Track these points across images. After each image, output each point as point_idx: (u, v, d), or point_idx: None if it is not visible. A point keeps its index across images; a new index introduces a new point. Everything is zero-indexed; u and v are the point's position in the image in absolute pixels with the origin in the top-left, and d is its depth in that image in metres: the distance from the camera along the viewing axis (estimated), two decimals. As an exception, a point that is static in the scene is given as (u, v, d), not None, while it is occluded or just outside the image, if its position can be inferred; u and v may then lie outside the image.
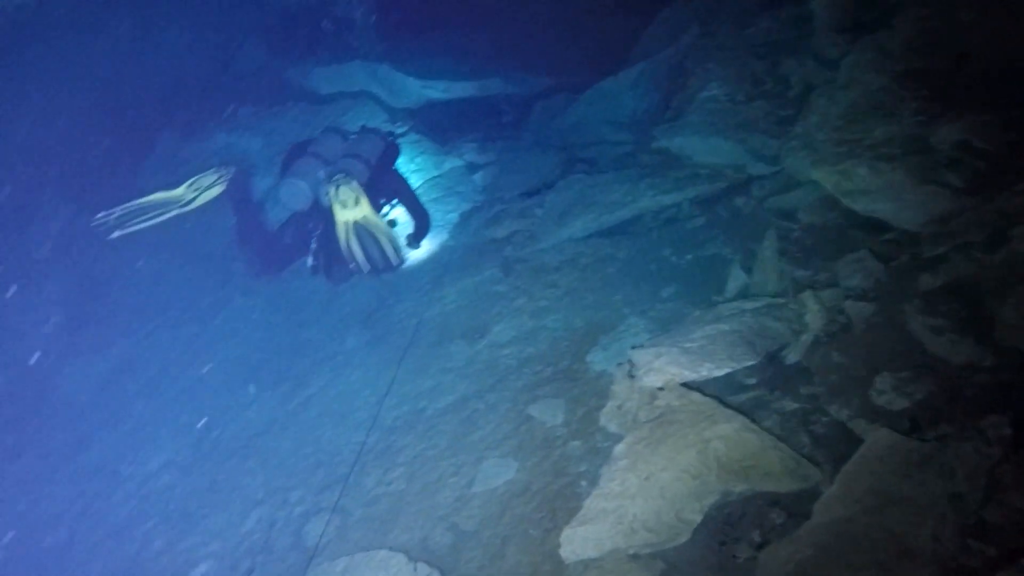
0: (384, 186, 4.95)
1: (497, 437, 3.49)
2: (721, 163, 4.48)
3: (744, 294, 3.64)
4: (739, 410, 2.75)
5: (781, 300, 3.32)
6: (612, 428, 3.11)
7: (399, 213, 5.09)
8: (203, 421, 4.35)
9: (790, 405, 2.91)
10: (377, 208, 4.71)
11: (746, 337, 2.97)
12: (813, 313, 3.11)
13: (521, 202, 5.18)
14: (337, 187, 4.52)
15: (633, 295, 4.04)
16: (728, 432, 2.60)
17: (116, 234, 4.75)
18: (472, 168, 6.02)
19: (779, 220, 3.93)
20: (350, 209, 4.54)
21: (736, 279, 3.74)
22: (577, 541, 2.55)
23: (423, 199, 5.30)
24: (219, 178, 4.96)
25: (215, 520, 3.68)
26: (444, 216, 5.48)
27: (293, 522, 3.51)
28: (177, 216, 4.92)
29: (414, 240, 5.05)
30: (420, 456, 3.57)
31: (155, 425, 4.59)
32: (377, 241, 4.65)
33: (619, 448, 2.73)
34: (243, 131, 7.06)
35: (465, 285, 4.59)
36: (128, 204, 4.81)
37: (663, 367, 2.86)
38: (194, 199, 4.93)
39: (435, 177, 5.99)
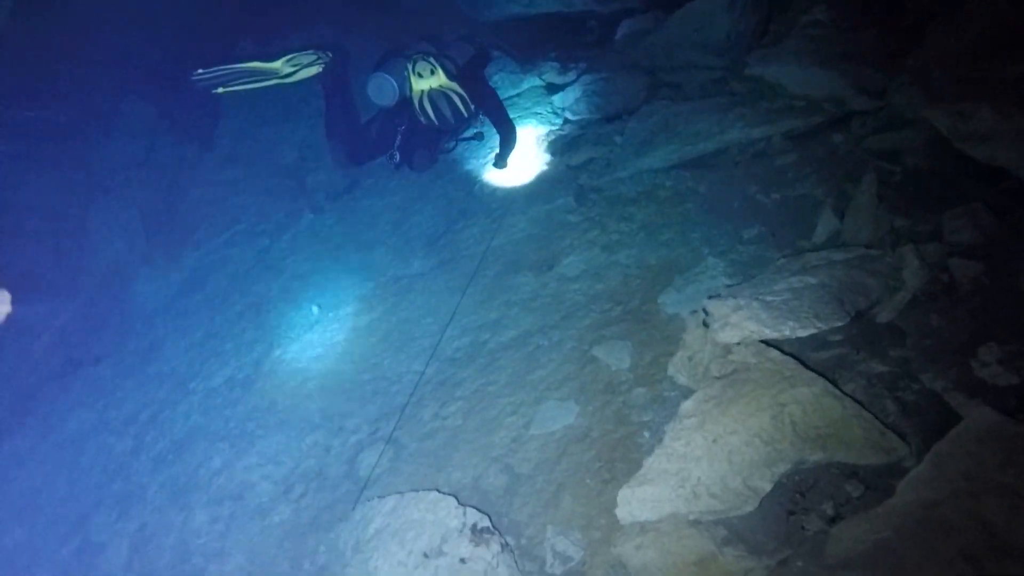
0: (471, 92, 4.76)
1: (559, 377, 3.34)
2: (819, 95, 4.11)
3: (835, 242, 3.36)
4: (820, 372, 2.52)
5: (876, 252, 3.02)
6: (681, 379, 2.92)
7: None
8: (263, 346, 4.32)
9: (877, 368, 2.67)
10: (453, 78, 4.63)
11: (835, 292, 2.71)
12: (912, 269, 2.82)
13: (600, 127, 4.90)
14: (414, 62, 4.49)
15: (713, 234, 3.79)
16: (807, 396, 2.38)
17: (220, 90, 4.72)
18: (551, 89, 5.73)
19: (880, 161, 3.60)
20: (426, 79, 4.48)
21: (827, 224, 3.45)
22: (634, 502, 2.40)
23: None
24: (317, 59, 4.86)
25: (272, 442, 3.65)
26: (520, 133, 5.24)
27: (347, 450, 3.45)
28: (276, 85, 4.89)
29: (500, 158, 4.94)
30: (479, 391, 3.46)
31: (220, 339, 4.59)
32: (450, 100, 4.56)
33: (687, 405, 2.54)
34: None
35: (536, 213, 4.39)
36: (227, 66, 4.74)
37: (741, 322, 2.63)
38: (292, 73, 4.88)
39: (512, 96, 5.73)
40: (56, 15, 6.38)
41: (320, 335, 4.22)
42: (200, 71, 4.61)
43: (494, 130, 4.90)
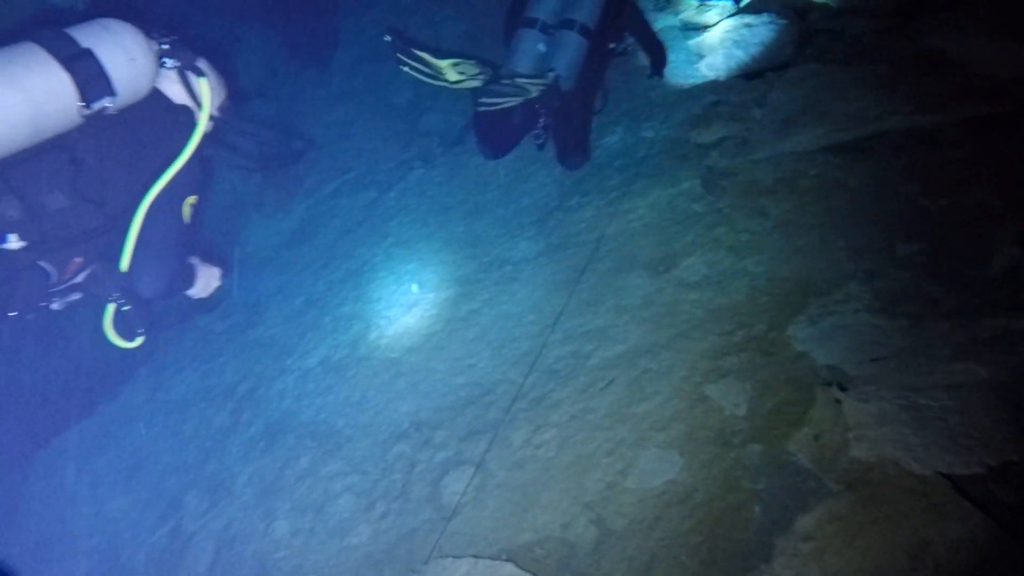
0: (613, 31, 4.46)
1: (665, 415, 2.99)
2: (1012, 77, 3.41)
3: (1017, 279, 2.79)
4: (981, 503, 2.07)
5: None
6: (803, 460, 2.51)
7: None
8: (360, 325, 4.14)
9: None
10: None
11: (1012, 397, 2.20)
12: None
13: (738, 92, 4.31)
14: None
15: (861, 244, 3.26)
16: (959, 534, 1.95)
17: (405, 68, 4.52)
18: (687, 30, 5.11)
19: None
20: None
21: (1007, 252, 2.87)
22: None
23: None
24: (480, 73, 4.55)
25: (359, 446, 3.50)
26: (645, 94, 4.72)
27: (433, 469, 3.25)
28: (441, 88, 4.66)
29: (655, 72, 4.70)
30: (576, 418, 3.15)
31: (321, 310, 4.44)
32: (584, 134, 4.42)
33: (805, 522, 2.16)
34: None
35: (657, 198, 3.93)
36: (409, 48, 4.54)
37: (882, 442, 2.19)
38: (459, 81, 4.64)
39: (645, 37, 5.15)
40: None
41: (417, 321, 3.99)
42: (392, 39, 4.47)
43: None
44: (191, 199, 2.82)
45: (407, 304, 4.13)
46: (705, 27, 5.05)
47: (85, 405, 4.97)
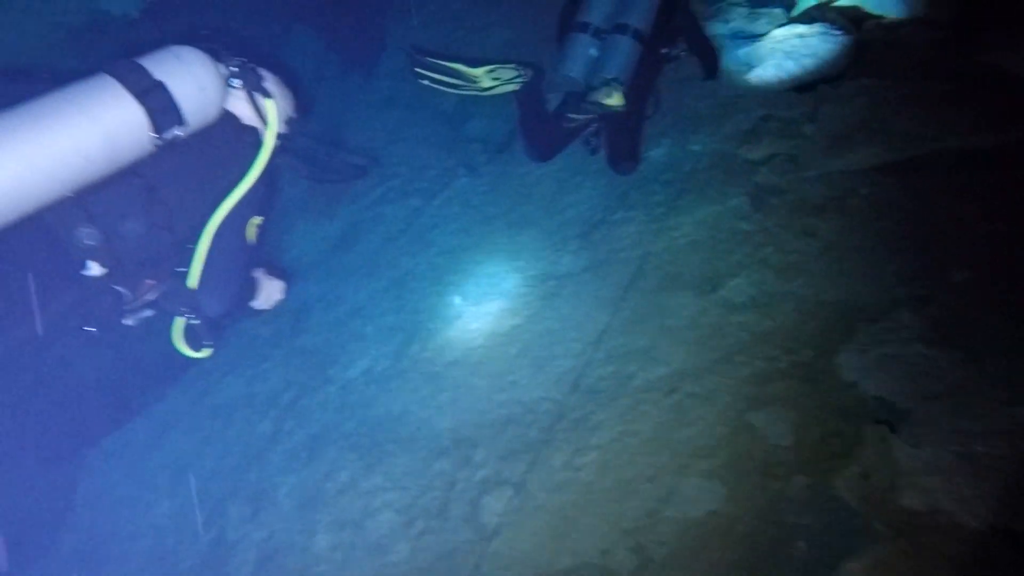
0: (665, 36, 4.45)
1: (708, 442, 2.95)
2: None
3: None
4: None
5: None
6: (849, 499, 2.45)
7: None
8: (403, 336, 4.15)
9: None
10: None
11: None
12: None
13: (788, 106, 4.22)
14: (597, 90, 4.22)
15: (914, 269, 3.18)
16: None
17: (424, 81, 4.82)
18: (737, 39, 5.02)
19: None
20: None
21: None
22: None
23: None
24: (517, 76, 4.70)
25: (399, 462, 3.51)
26: (693, 105, 4.64)
27: (472, 488, 3.25)
28: (473, 96, 4.91)
29: (708, 78, 4.64)
30: (617, 442, 3.13)
31: (363, 319, 4.46)
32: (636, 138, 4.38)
33: (851, 566, 2.11)
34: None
35: (704, 214, 3.88)
36: (438, 60, 4.78)
37: (935, 490, 2.13)
38: (491, 88, 4.81)
39: (692, 47, 5.08)
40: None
41: (459, 334, 3.99)
42: (416, 52, 4.66)
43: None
44: (256, 220, 2.91)
45: (449, 317, 4.13)
46: (755, 36, 4.96)
47: (134, 406, 5.07)
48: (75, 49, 5.93)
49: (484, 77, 4.81)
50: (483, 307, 4.08)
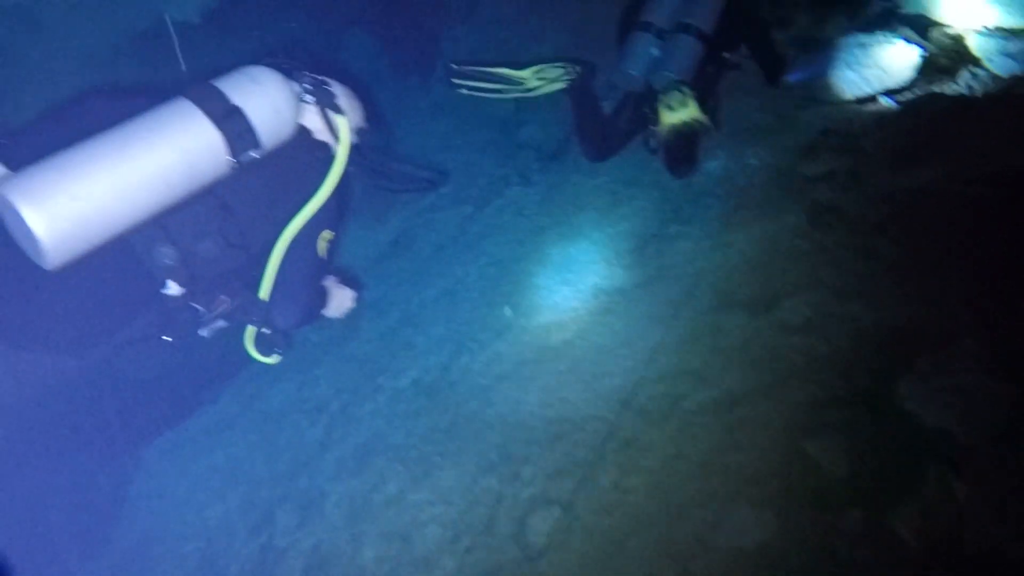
0: (728, 40, 4.38)
1: (761, 470, 2.89)
2: None
3: None
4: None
5: None
6: (908, 537, 2.38)
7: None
8: (452, 347, 4.15)
9: None
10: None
11: None
12: None
13: (850, 121, 4.12)
14: (667, 92, 4.14)
15: (979, 294, 3.07)
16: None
17: (463, 91, 4.75)
18: (798, 47, 4.91)
19: None
20: (676, 111, 4.12)
21: None
22: None
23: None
24: (564, 73, 4.63)
25: (446, 475, 3.51)
26: (750, 116, 4.56)
27: (520, 506, 3.23)
28: (519, 99, 4.85)
29: (770, 82, 4.59)
30: (667, 465, 3.09)
31: (413, 328, 4.47)
32: (691, 140, 4.25)
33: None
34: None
35: (760, 231, 3.80)
36: (481, 68, 4.75)
37: (1002, 538, 2.05)
38: (537, 88, 4.75)
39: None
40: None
41: (509, 347, 3.97)
42: (455, 65, 4.65)
43: None
44: (327, 234, 2.98)
45: (499, 328, 4.12)
46: (818, 44, 4.85)
47: (189, 406, 5.16)
48: (139, 54, 6.05)
49: (531, 78, 4.76)
50: (533, 320, 4.06)
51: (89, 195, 2.26)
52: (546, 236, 4.61)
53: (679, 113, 4.10)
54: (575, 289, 4.11)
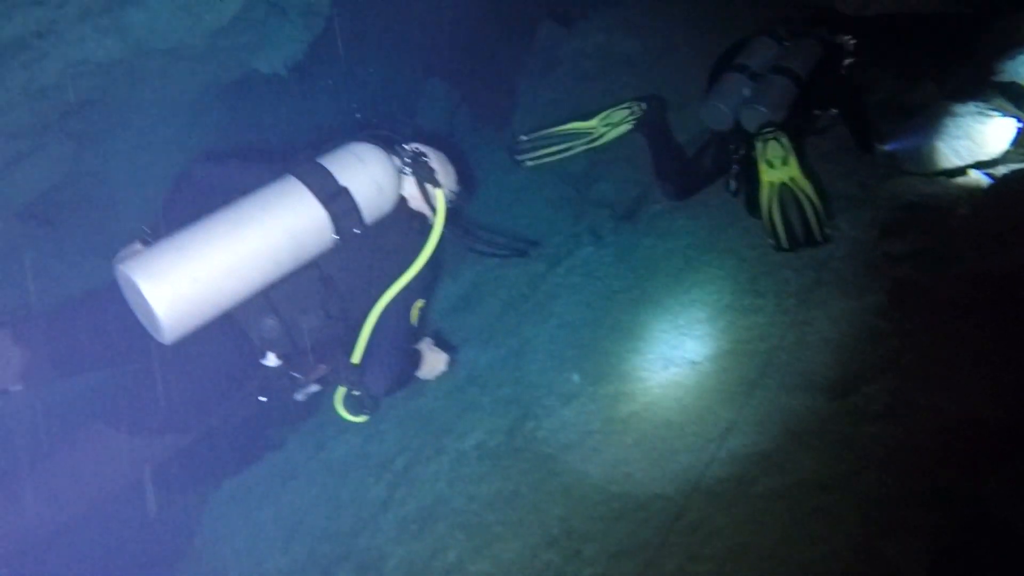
0: (819, 93, 4.35)
1: (832, 567, 2.77)
2: None
3: None
4: None
5: None
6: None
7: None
8: (518, 411, 4.10)
9: None
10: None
11: None
12: None
13: (939, 189, 3.98)
14: (765, 143, 4.03)
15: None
16: None
17: (529, 163, 4.95)
18: (884, 114, 4.79)
19: None
20: (777, 169, 4.02)
21: None
22: None
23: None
24: (630, 114, 4.74)
25: (507, 547, 3.45)
26: (832, 184, 4.44)
27: (580, 587, 3.16)
28: (586, 150, 4.95)
29: (859, 147, 4.48)
30: (734, 554, 2.97)
31: (480, 388, 4.44)
32: (802, 209, 4.03)
33: None
34: (621, 30, 6.35)
35: (839, 310, 3.69)
36: (543, 133, 4.89)
37: None
38: (605, 135, 4.83)
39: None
40: (373, 6, 6.50)
41: (576, 415, 3.92)
42: (524, 137, 4.78)
43: None
44: (420, 303, 3.05)
45: (566, 394, 4.07)
46: (905, 111, 4.72)
47: (254, 451, 5.23)
48: (227, 101, 6.26)
49: (598, 125, 4.80)
50: (601, 388, 4.00)
51: (207, 275, 2.40)
52: (617, 300, 4.56)
53: (779, 171, 4.00)
54: (644, 358, 4.04)
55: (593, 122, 4.83)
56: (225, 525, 4.76)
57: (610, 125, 4.79)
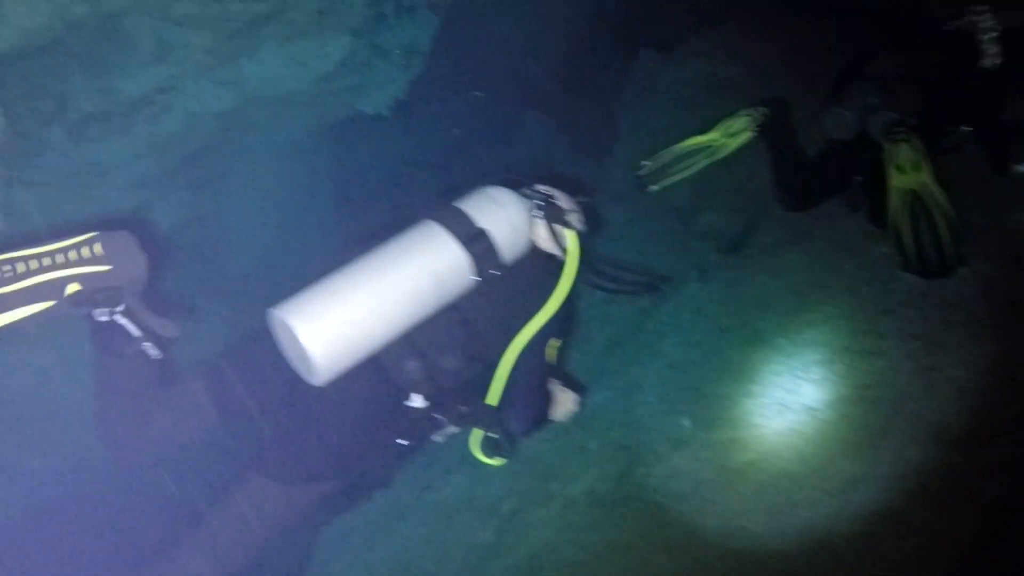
0: (950, 106, 4.07)
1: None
2: None
3: None
4: None
5: None
6: None
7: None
8: (627, 457, 4.01)
9: None
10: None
11: None
12: None
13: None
14: (895, 144, 3.76)
15: None
16: None
17: (653, 188, 4.95)
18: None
19: None
20: (907, 174, 3.75)
21: None
22: None
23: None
24: (751, 120, 4.67)
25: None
26: (965, 214, 4.18)
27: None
28: (707, 166, 4.86)
29: (993, 168, 4.14)
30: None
31: (587, 431, 4.33)
32: (933, 222, 3.76)
33: None
34: (721, 55, 6.20)
35: (971, 354, 3.48)
36: (662, 152, 4.90)
37: None
38: (727, 145, 4.76)
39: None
40: (471, 42, 6.57)
41: (687, 463, 3.80)
42: (646, 163, 4.78)
43: None
44: (556, 342, 3.10)
45: (677, 440, 3.95)
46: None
47: (364, 488, 5.28)
48: (332, 144, 6.42)
49: (719, 137, 4.69)
50: (713, 434, 3.87)
51: (356, 318, 2.49)
52: (727, 339, 4.41)
53: (909, 176, 3.74)
54: (758, 402, 3.89)
55: (714, 134, 4.70)
56: (337, 564, 4.82)
57: (732, 135, 4.67)
